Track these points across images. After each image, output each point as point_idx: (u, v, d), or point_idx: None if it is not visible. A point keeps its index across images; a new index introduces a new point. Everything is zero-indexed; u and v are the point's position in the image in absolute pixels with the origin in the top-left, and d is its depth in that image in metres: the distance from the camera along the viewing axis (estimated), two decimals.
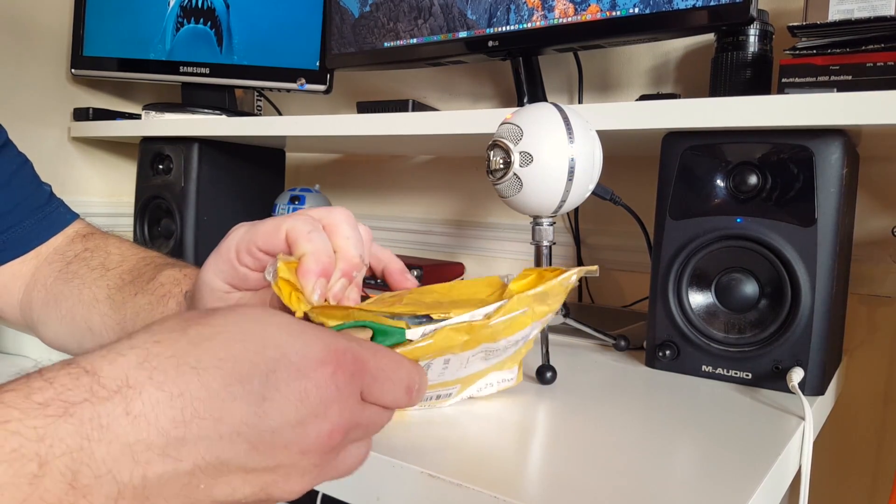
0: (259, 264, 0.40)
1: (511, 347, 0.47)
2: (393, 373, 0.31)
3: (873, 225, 0.82)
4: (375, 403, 0.31)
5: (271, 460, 0.27)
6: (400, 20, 0.93)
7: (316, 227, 0.39)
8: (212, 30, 1.14)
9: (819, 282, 0.56)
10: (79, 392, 0.25)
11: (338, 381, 0.29)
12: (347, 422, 0.29)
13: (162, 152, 1.11)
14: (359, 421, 0.30)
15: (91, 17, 1.24)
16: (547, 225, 0.61)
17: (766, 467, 0.42)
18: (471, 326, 0.40)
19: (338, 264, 0.38)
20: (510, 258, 1.11)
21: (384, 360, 0.31)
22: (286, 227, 0.38)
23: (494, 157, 0.57)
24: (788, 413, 0.53)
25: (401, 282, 0.45)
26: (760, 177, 0.59)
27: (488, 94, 1.13)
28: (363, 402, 0.30)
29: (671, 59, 0.95)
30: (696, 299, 0.63)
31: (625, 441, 0.45)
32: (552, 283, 0.44)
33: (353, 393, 0.30)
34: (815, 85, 0.62)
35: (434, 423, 0.47)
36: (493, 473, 0.39)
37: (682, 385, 0.60)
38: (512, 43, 0.85)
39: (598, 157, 0.59)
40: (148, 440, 0.25)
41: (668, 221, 0.64)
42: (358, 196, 1.33)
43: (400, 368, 0.32)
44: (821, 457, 0.84)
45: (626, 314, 0.90)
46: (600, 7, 0.76)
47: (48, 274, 0.57)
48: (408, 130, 0.81)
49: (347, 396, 0.29)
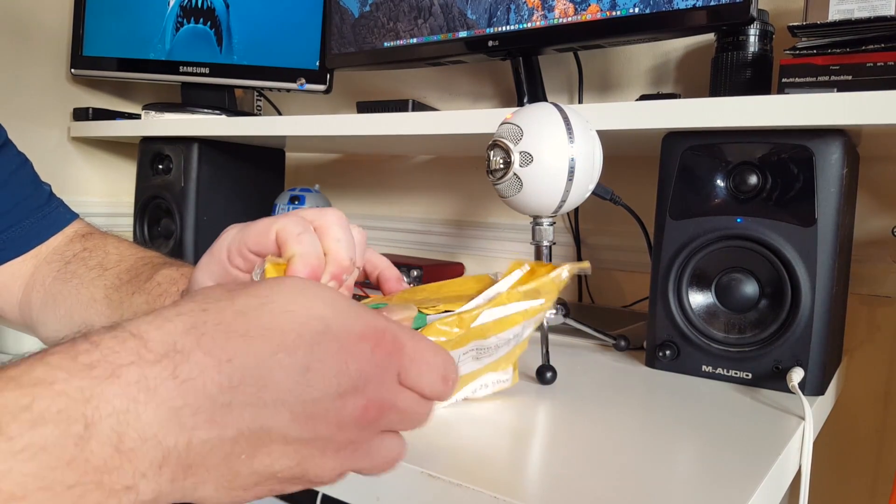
0: (250, 266, 0.40)
1: (503, 347, 0.47)
2: (431, 358, 0.31)
3: (873, 225, 0.82)
4: (412, 388, 0.31)
5: (310, 431, 0.28)
6: (400, 20, 0.93)
7: (307, 229, 0.38)
8: (212, 30, 1.14)
9: (819, 282, 0.56)
10: (125, 355, 0.25)
11: (376, 358, 0.29)
12: (383, 399, 0.29)
13: (162, 152, 1.11)
14: (394, 402, 0.30)
15: (91, 16, 1.24)
16: (547, 225, 0.61)
17: (766, 467, 0.42)
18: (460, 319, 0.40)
19: (327, 267, 0.38)
20: (510, 258, 1.11)
21: (422, 345, 0.31)
22: (276, 228, 0.38)
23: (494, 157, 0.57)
24: (788, 413, 0.53)
25: (397, 289, 0.45)
26: (760, 177, 0.59)
27: (488, 94, 1.13)
28: (400, 385, 0.31)
29: (671, 59, 0.95)
30: (697, 299, 0.63)
31: (625, 441, 0.45)
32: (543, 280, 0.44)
33: (390, 372, 0.30)
34: (815, 85, 0.62)
35: (434, 424, 0.46)
36: (493, 473, 0.39)
37: (682, 385, 0.60)
38: (512, 43, 0.85)
39: (598, 157, 0.59)
40: (195, 405, 0.25)
41: (668, 221, 0.63)
42: (358, 196, 1.33)
43: (437, 355, 0.32)
44: (821, 457, 0.84)
45: (626, 314, 0.90)
46: (600, 7, 0.76)
47: (47, 274, 0.57)
48: (408, 130, 0.81)
49: (384, 374, 0.29)
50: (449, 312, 0.41)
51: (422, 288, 0.45)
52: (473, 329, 0.41)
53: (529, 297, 0.43)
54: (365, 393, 0.29)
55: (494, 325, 0.43)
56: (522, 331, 0.47)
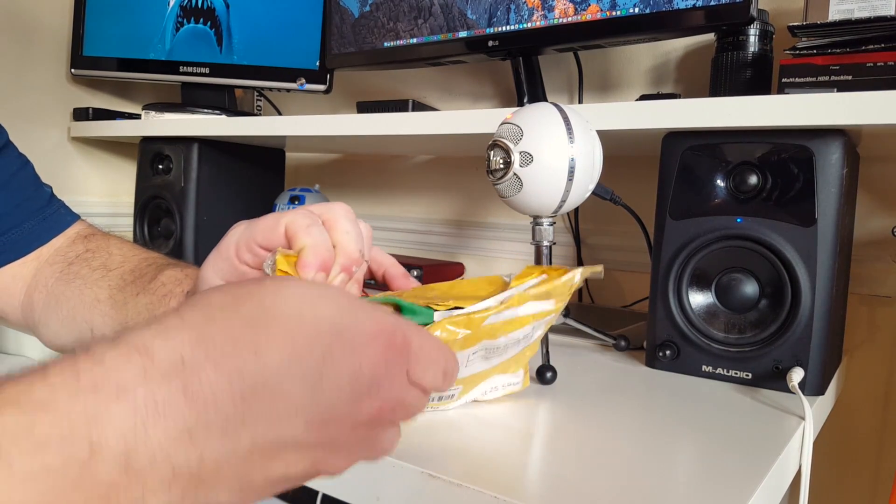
0: (258, 261, 0.40)
1: (512, 347, 0.46)
2: (434, 353, 0.31)
3: (873, 225, 0.82)
4: (417, 384, 0.31)
5: (325, 436, 0.27)
6: (400, 20, 0.93)
7: (315, 222, 0.38)
8: (212, 30, 1.14)
9: (819, 282, 0.56)
10: (131, 372, 0.24)
11: (388, 359, 0.29)
12: (395, 399, 0.30)
13: (162, 152, 1.11)
14: (404, 399, 0.30)
15: (91, 17, 1.24)
16: (547, 225, 0.61)
17: (766, 467, 0.42)
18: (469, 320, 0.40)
19: (337, 258, 0.38)
20: (510, 258, 1.11)
21: (426, 341, 0.31)
22: (285, 222, 0.38)
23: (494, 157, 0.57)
24: (788, 413, 0.53)
25: (404, 286, 0.45)
26: (760, 177, 0.59)
27: (488, 94, 1.13)
28: (409, 382, 0.30)
29: (671, 59, 0.95)
30: (697, 299, 0.63)
31: (625, 441, 0.45)
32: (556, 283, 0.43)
33: (401, 371, 0.30)
34: (815, 85, 0.62)
35: (434, 424, 0.46)
36: (493, 473, 0.39)
37: (682, 385, 0.60)
38: (512, 43, 0.85)
39: (598, 157, 0.59)
40: (207, 421, 0.24)
41: (668, 221, 0.64)
42: (358, 196, 1.33)
43: (439, 350, 0.32)
44: (821, 457, 0.84)
45: (626, 314, 0.90)
46: (600, 7, 0.76)
47: (49, 275, 0.57)
48: (408, 130, 0.81)
49: (396, 374, 0.29)
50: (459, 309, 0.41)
51: (432, 287, 0.45)
52: (483, 328, 0.41)
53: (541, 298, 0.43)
54: (379, 395, 0.29)
55: (504, 326, 0.43)
56: (532, 332, 0.47)
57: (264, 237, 0.39)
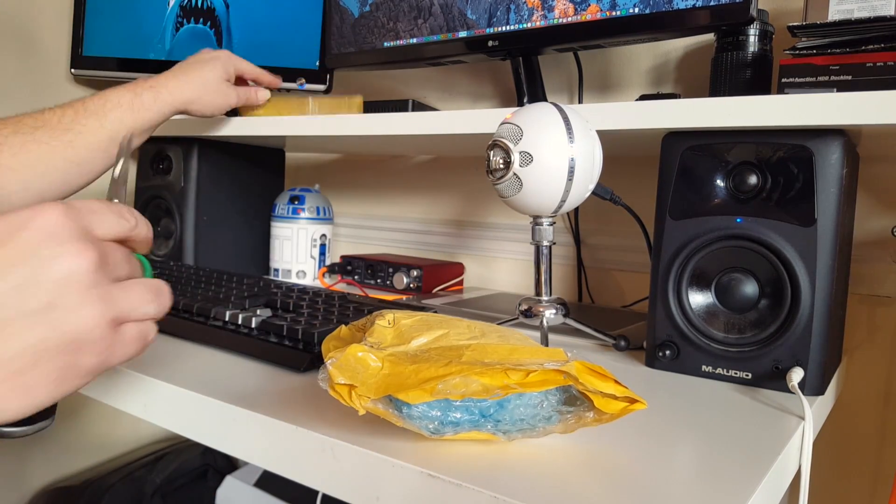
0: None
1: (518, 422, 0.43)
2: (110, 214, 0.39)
3: (873, 225, 0.82)
4: (104, 238, 0.37)
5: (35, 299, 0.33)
6: (400, 20, 0.93)
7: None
8: (211, 30, 1.14)
9: (819, 282, 0.56)
10: None
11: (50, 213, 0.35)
12: (68, 220, 0.35)
13: (162, 152, 1.11)
14: (86, 225, 0.36)
15: (91, 17, 1.24)
16: (547, 225, 0.61)
17: (766, 467, 0.42)
18: (491, 375, 0.39)
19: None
20: (510, 258, 1.11)
21: None
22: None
23: (494, 157, 0.57)
24: (788, 413, 0.53)
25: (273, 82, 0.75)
26: (760, 177, 0.59)
27: (488, 94, 1.13)
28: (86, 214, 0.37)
29: (671, 59, 0.95)
30: (696, 299, 0.63)
31: (624, 441, 0.45)
32: (609, 413, 0.41)
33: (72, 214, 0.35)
34: (814, 85, 0.62)
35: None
36: (493, 473, 0.39)
37: (682, 385, 0.60)
38: (512, 43, 0.85)
39: (598, 157, 0.59)
40: None
41: (668, 221, 0.64)
42: (358, 196, 1.33)
43: None
44: (821, 457, 0.84)
45: (626, 314, 0.90)
46: (600, 7, 0.76)
47: None
48: (408, 130, 0.81)
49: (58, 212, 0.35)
50: None
51: (494, 349, 0.43)
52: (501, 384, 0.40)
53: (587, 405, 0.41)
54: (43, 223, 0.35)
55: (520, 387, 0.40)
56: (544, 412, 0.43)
57: None
